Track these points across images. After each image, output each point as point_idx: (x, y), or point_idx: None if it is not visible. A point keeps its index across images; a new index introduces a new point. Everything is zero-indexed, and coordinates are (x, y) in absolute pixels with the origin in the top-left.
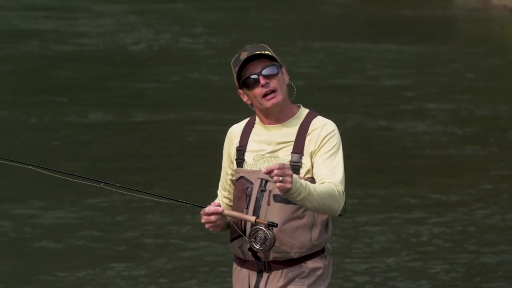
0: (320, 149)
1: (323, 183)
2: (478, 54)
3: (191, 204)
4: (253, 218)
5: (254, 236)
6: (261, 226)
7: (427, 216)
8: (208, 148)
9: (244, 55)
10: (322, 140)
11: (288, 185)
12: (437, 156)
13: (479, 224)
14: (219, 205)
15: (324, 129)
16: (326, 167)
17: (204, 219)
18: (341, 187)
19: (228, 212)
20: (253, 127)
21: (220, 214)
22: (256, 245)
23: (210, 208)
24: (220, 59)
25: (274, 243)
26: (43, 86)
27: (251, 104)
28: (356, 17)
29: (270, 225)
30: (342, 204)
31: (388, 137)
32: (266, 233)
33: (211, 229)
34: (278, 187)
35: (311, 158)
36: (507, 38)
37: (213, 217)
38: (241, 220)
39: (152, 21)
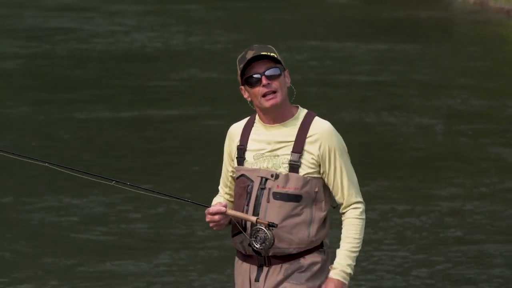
0: (330, 166)
1: (345, 211)
2: (473, 53)
3: (197, 204)
4: (254, 218)
5: (254, 236)
6: (262, 226)
7: (419, 208)
8: (218, 143)
9: (250, 54)
10: (328, 154)
11: None
12: (428, 150)
13: (470, 216)
14: (225, 205)
15: (326, 139)
16: (344, 188)
17: (208, 218)
18: (361, 207)
19: (231, 212)
20: (253, 126)
21: (223, 214)
22: (257, 244)
23: (214, 208)
24: (226, 57)
25: (273, 242)
26: (57, 83)
27: (251, 101)
28: (356, 18)
29: (270, 226)
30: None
31: (381, 131)
32: (266, 233)
33: (214, 228)
34: None
35: (313, 158)
36: (502, 39)
37: (216, 217)
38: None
39: (163, 21)
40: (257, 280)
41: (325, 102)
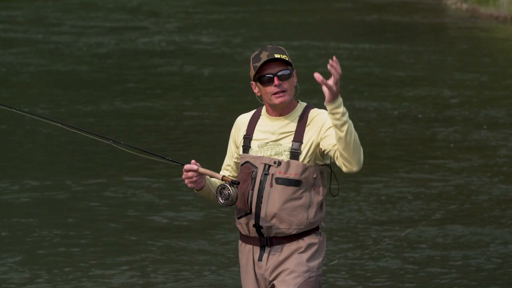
0: (325, 129)
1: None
2: (462, 52)
3: (175, 162)
4: (220, 176)
5: (220, 192)
6: (226, 183)
7: (404, 191)
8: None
9: (264, 55)
10: (322, 123)
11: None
12: (406, 135)
13: (444, 197)
14: (198, 164)
15: (320, 116)
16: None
17: (183, 175)
18: None
19: (202, 169)
20: (259, 118)
21: (195, 171)
22: (221, 200)
23: (187, 165)
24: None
25: (236, 199)
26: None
27: (260, 96)
28: (356, 21)
29: (234, 183)
30: (362, 159)
31: (367, 118)
32: (230, 190)
33: (189, 185)
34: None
35: (313, 143)
36: (490, 41)
37: (190, 173)
38: (247, 199)
39: (195, 23)
40: (260, 259)
41: (315, 94)
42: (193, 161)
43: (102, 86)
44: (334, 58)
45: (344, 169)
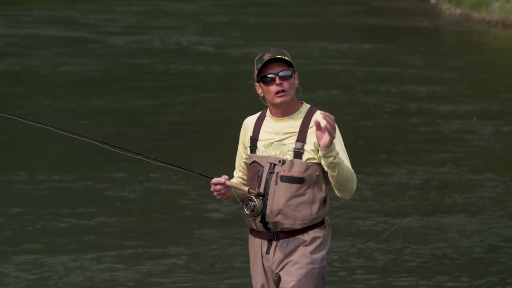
0: None
1: None
2: (454, 53)
3: (203, 175)
4: (246, 189)
5: (246, 204)
6: (252, 195)
7: (400, 184)
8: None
9: (267, 56)
10: None
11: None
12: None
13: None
14: (227, 178)
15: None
16: None
17: (211, 187)
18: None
19: (229, 182)
20: (264, 119)
21: (223, 184)
22: (247, 211)
23: (215, 179)
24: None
25: (261, 211)
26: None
27: (263, 97)
28: (355, 24)
29: (259, 195)
30: (355, 188)
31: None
32: (255, 202)
33: (218, 197)
34: (323, 138)
35: (315, 145)
36: (481, 44)
37: (218, 187)
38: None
39: (211, 26)
40: (267, 253)
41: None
42: (223, 175)
43: (115, 84)
44: (326, 114)
45: (337, 194)
